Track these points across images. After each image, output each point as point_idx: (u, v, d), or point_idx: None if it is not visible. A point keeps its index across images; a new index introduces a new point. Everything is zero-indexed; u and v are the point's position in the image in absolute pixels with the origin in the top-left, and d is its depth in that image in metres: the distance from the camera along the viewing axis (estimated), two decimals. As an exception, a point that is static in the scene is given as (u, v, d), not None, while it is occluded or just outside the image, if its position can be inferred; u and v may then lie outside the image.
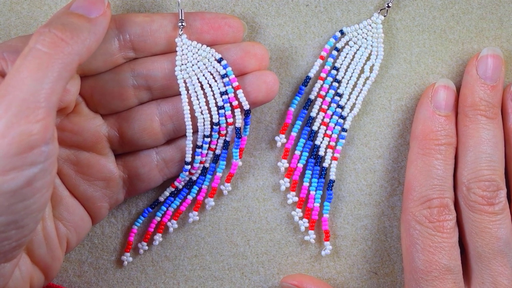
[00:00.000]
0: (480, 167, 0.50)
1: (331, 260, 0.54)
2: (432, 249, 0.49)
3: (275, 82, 0.50)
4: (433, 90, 0.52)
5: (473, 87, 0.51)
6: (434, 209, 0.50)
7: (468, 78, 0.52)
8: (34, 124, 0.39)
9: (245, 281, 0.54)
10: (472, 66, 0.52)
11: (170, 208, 0.53)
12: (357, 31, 0.53)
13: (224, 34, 0.50)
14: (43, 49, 0.41)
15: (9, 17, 0.52)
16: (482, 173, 0.50)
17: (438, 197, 0.50)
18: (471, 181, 0.50)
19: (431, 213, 0.50)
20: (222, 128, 0.51)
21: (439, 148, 0.51)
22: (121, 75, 0.49)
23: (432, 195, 0.50)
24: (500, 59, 0.51)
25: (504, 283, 0.49)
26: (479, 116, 0.51)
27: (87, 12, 0.44)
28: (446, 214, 0.50)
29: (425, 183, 0.50)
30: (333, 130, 0.53)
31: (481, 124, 0.51)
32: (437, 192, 0.50)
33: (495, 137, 0.51)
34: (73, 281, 0.54)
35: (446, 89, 0.52)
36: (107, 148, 0.50)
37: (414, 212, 0.50)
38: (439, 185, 0.50)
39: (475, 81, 0.51)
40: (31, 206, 0.41)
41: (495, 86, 0.51)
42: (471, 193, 0.50)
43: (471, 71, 0.51)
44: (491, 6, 0.53)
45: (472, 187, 0.50)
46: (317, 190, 0.53)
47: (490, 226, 0.49)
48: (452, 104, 0.52)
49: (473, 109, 0.51)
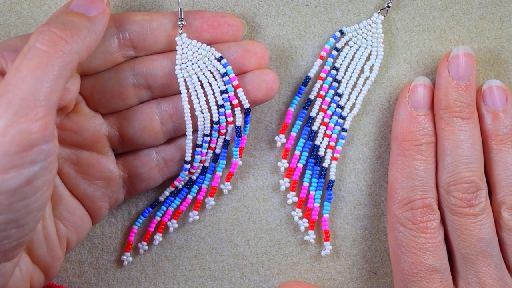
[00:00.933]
0: (458, 170, 0.50)
1: (331, 260, 0.54)
2: (417, 251, 0.49)
3: (275, 80, 0.50)
4: (409, 89, 0.52)
5: (447, 89, 0.51)
6: (417, 210, 0.50)
7: (440, 80, 0.51)
8: (34, 122, 0.39)
9: (245, 281, 0.54)
10: (444, 67, 0.51)
11: (170, 207, 0.53)
12: (357, 31, 0.53)
13: (224, 32, 0.50)
14: (42, 48, 0.41)
15: (9, 17, 0.52)
16: (460, 176, 0.50)
17: (420, 198, 0.50)
18: (450, 184, 0.50)
19: (414, 215, 0.50)
20: (222, 127, 0.51)
21: (418, 148, 0.51)
22: (121, 74, 0.49)
23: (414, 197, 0.50)
24: (471, 57, 0.51)
25: (489, 282, 0.49)
26: (455, 118, 0.50)
27: (86, 10, 0.44)
28: (429, 214, 0.50)
29: (407, 185, 0.50)
30: (333, 130, 0.53)
31: (457, 126, 0.50)
32: (419, 193, 0.50)
33: (471, 137, 0.50)
34: (73, 281, 0.54)
35: (423, 87, 0.52)
36: (107, 147, 0.50)
37: (397, 214, 0.50)
38: (420, 185, 0.50)
39: (448, 83, 0.51)
40: (31, 205, 0.41)
41: (468, 85, 0.51)
42: (451, 196, 0.50)
43: (443, 72, 0.51)
44: (491, 6, 0.53)
45: (451, 190, 0.50)
46: (317, 190, 0.53)
47: (471, 228, 0.49)
48: (429, 102, 0.52)
49: (448, 111, 0.51)
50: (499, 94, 0.51)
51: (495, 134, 0.51)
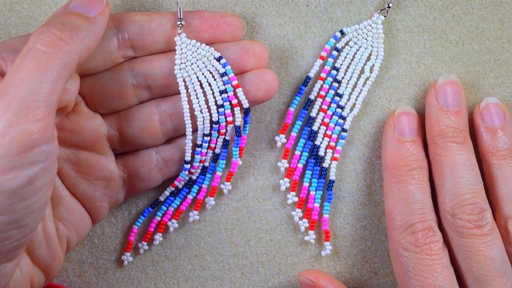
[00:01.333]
0: (461, 192, 0.49)
1: (331, 260, 0.54)
2: (424, 273, 0.48)
3: (275, 80, 0.50)
4: (394, 118, 0.52)
5: (438, 116, 0.51)
6: (418, 233, 0.49)
7: (430, 109, 0.51)
8: (34, 123, 0.39)
9: (245, 281, 0.54)
10: (432, 97, 0.51)
11: (170, 207, 0.53)
12: (357, 31, 0.53)
13: (223, 32, 0.50)
14: (42, 49, 0.41)
15: (9, 16, 0.52)
16: (464, 198, 0.49)
17: (420, 220, 0.49)
18: (455, 207, 0.49)
19: (416, 238, 0.49)
20: (221, 127, 0.51)
21: (411, 173, 0.50)
22: (120, 74, 0.49)
23: (413, 220, 0.49)
24: (457, 85, 0.52)
25: None
26: (449, 143, 0.50)
27: (85, 11, 0.44)
28: (431, 236, 0.49)
29: (404, 209, 0.50)
30: (333, 131, 0.53)
31: (453, 150, 0.50)
32: (418, 216, 0.49)
33: (469, 160, 0.50)
34: (73, 281, 0.54)
35: (407, 115, 0.52)
36: (107, 147, 0.50)
37: (399, 240, 0.49)
38: (418, 208, 0.50)
39: (438, 110, 0.51)
40: (31, 206, 0.41)
41: (458, 111, 0.51)
42: (457, 219, 0.49)
43: (432, 101, 0.51)
44: (492, 6, 0.53)
45: (456, 213, 0.49)
46: (317, 190, 0.53)
47: (483, 248, 0.48)
48: (416, 129, 0.52)
49: (442, 137, 0.51)
50: (496, 112, 0.52)
51: (496, 150, 0.51)
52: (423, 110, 0.53)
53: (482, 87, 0.54)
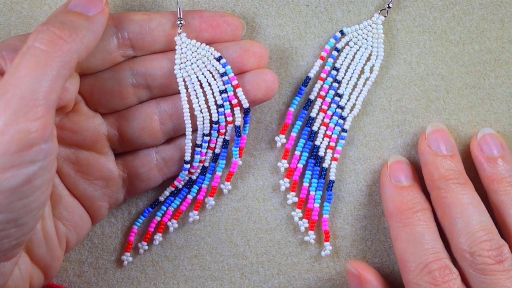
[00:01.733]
0: (475, 230, 0.49)
1: (331, 261, 0.54)
2: None
3: (274, 80, 0.50)
4: (388, 168, 0.52)
5: (435, 162, 0.51)
6: (435, 272, 0.48)
7: (425, 156, 0.52)
8: (33, 122, 0.39)
9: (245, 281, 0.54)
10: (425, 146, 0.52)
11: (170, 207, 0.53)
12: (357, 31, 0.53)
13: (223, 32, 0.50)
14: (41, 47, 0.41)
15: (9, 16, 0.52)
16: (479, 235, 0.49)
17: (435, 259, 0.49)
18: (472, 245, 0.48)
19: (433, 277, 0.48)
20: (221, 127, 0.51)
21: (416, 215, 0.50)
22: (120, 73, 0.49)
23: (428, 259, 0.49)
24: (445, 132, 0.52)
25: None
26: (452, 184, 0.50)
27: (85, 10, 0.44)
28: (448, 274, 0.48)
29: (416, 251, 0.49)
30: (333, 131, 0.53)
31: (458, 191, 0.50)
32: (432, 255, 0.49)
33: (474, 199, 0.50)
34: (73, 281, 0.54)
35: (400, 164, 0.52)
36: (107, 147, 0.50)
37: (417, 281, 0.48)
38: (431, 248, 0.49)
39: (434, 157, 0.51)
40: (30, 204, 0.41)
41: (453, 155, 0.51)
42: (476, 256, 0.48)
43: (425, 149, 0.52)
44: (492, 6, 0.53)
45: (475, 250, 0.48)
46: (317, 190, 0.53)
47: (508, 283, 0.48)
48: (411, 175, 0.52)
49: (444, 180, 0.51)
50: (494, 141, 0.52)
51: (501, 177, 0.51)
52: (423, 110, 0.53)
53: (483, 87, 0.54)
